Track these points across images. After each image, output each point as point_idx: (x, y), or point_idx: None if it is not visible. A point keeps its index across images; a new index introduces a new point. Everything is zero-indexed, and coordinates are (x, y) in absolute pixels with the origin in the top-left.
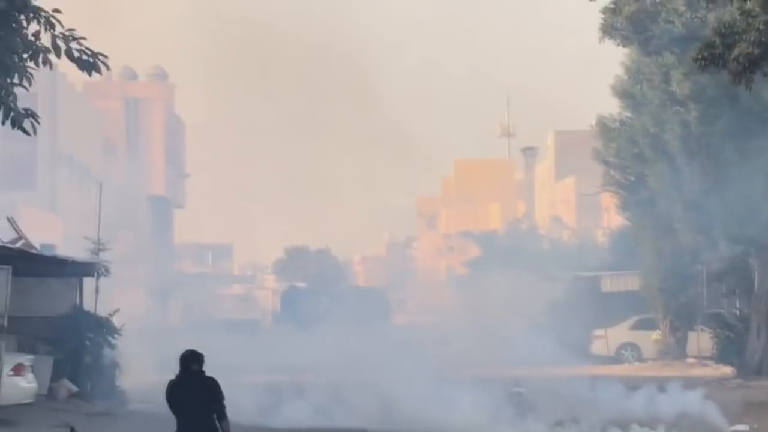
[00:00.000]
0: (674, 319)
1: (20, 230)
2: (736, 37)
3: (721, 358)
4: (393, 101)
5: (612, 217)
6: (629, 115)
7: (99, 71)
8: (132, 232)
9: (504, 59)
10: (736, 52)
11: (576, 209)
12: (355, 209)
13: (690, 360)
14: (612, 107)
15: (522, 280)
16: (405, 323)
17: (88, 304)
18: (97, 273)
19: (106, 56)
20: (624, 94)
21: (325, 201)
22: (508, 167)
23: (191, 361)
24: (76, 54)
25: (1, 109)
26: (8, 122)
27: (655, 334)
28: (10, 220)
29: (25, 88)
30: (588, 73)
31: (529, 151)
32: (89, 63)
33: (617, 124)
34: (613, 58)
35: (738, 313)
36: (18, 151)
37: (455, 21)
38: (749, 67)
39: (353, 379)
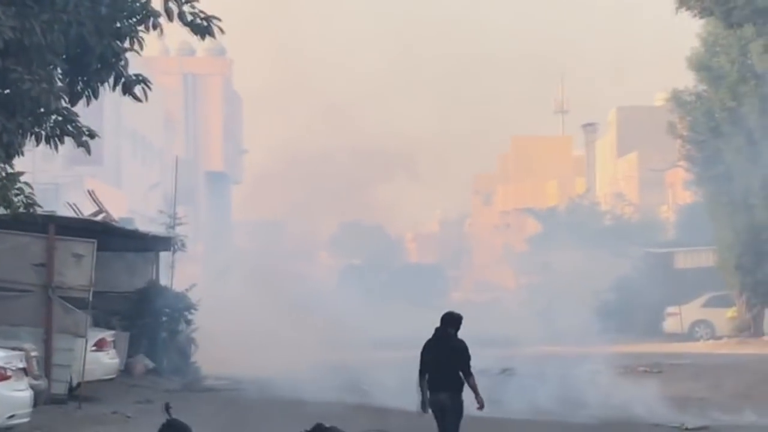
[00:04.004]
0: (750, 295)
1: (101, 204)
2: None
3: None
4: (444, 76)
5: (678, 193)
6: (705, 88)
7: (213, 35)
8: (191, 208)
9: (558, 36)
10: None
11: (639, 186)
12: (405, 187)
13: (766, 338)
14: (680, 81)
15: (587, 256)
16: (461, 300)
17: (162, 280)
18: (174, 248)
19: (219, 19)
20: (700, 66)
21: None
22: (566, 144)
23: (449, 322)
24: (190, 17)
25: (112, 75)
26: (118, 89)
27: (731, 311)
28: (91, 194)
29: (137, 52)
30: (653, 45)
31: (590, 127)
32: (203, 27)
33: (693, 97)
34: (673, 31)
35: None
36: (85, 125)
37: None
38: None
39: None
